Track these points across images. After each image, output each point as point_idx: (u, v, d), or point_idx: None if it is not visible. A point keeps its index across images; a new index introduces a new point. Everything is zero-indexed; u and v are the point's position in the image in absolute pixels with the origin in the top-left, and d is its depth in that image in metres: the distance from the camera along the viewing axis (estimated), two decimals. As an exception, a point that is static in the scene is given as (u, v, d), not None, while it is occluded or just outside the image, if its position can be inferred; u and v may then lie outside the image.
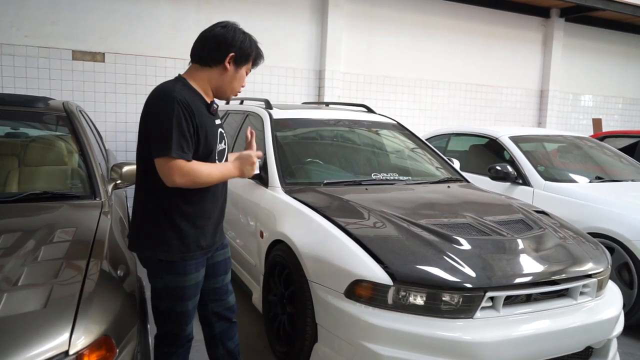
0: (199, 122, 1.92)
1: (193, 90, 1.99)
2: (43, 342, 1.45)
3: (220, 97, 2.11)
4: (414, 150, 4.14)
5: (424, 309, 2.22)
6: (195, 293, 2.09)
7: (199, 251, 2.04)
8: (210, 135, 1.99)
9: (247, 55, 2.03)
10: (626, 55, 10.12)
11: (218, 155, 2.07)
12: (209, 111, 2.02)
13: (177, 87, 1.93)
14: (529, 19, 8.85)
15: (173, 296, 2.03)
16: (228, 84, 2.05)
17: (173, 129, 1.84)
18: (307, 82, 7.10)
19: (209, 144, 1.98)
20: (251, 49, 2.04)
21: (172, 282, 2.01)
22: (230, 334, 2.35)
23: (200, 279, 2.09)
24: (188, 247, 1.99)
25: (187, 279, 2.02)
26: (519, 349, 2.22)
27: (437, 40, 8.06)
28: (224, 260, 2.26)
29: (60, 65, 5.66)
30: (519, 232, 2.69)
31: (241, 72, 2.05)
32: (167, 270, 2.00)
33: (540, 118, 9.27)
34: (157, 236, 1.97)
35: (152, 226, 1.98)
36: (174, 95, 1.88)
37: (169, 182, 1.87)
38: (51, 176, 2.76)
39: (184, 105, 1.87)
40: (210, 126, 2.01)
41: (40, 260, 1.82)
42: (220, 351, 2.34)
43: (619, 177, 4.66)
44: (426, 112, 8.15)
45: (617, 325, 2.58)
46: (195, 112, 1.91)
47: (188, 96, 1.93)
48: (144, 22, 5.99)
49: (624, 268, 3.53)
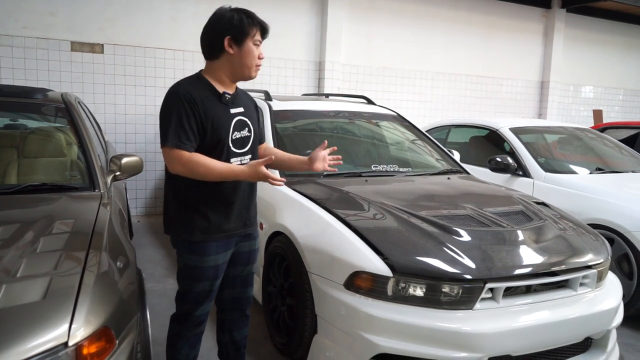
0: (204, 113, 1.99)
1: (205, 82, 2.07)
2: (42, 334, 1.44)
3: (241, 79, 2.11)
4: (414, 142, 4.13)
5: (423, 300, 2.22)
6: (213, 276, 2.14)
7: (219, 234, 2.10)
8: (218, 124, 2.03)
9: (242, 29, 2.03)
10: (627, 46, 10.07)
11: (234, 143, 2.08)
12: (221, 101, 2.06)
13: (187, 81, 2.06)
14: (530, 10, 8.80)
15: (190, 275, 2.13)
16: (239, 65, 2.06)
17: (172, 121, 1.96)
18: (307, 74, 7.08)
19: (217, 133, 2.02)
20: (243, 21, 2.04)
21: (191, 262, 2.11)
22: (240, 325, 2.39)
23: (219, 262, 2.14)
24: (208, 228, 2.08)
25: (205, 259, 2.10)
26: (518, 339, 2.23)
27: (438, 31, 8.02)
28: (248, 251, 2.28)
29: (59, 57, 5.64)
30: (519, 223, 2.69)
31: (247, 47, 2.04)
32: (188, 250, 2.11)
33: (541, 109, 9.24)
34: (181, 218, 2.10)
35: (176, 209, 2.12)
36: (177, 89, 2.00)
37: (170, 169, 2.01)
38: (50, 168, 2.75)
39: (186, 98, 1.97)
40: (220, 115, 2.04)
41: (39, 252, 1.81)
42: (226, 338, 2.40)
43: (619, 168, 4.65)
44: (426, 104, 8.13)
45: (616, 316, 2.59)
46: (200, 104, 1.99)
47: (195, 89, 2.02)
48: (143, 13, 5.96)
49: (624, 259, 3.53)
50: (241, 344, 2.40)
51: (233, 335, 2.38)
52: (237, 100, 2.14)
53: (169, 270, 4.29)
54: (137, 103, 6.07)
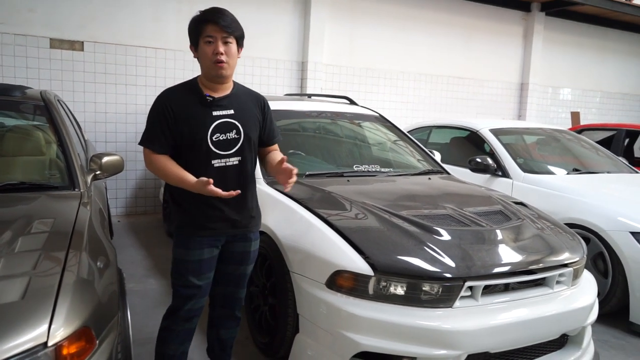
0: (180, 115, 2.07)
1: (192, 85, 2.16)
2: (21, 334, 1.43)
3: (213, 79, 2.12)
4: (395, 143, 4.16)
5: (404, 298, 2.25)
6: (198, 270, 2.17)
7: (204, 230, 2.15)
8: (195, 125, 2.07)
9: (193, 32, 2.09)
10: (604, 50, 10.28)
11: (216, 145, 2.09)
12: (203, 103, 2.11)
13: (176, 86, 2.18)
14: (510, 13, 8.93)
15: (177, 268, 2.21)
16: (203, 67, 2.12)
17: (147, 122, 2.13)
18: (290, 74, 7.08)
19: (192, 134, 2.07)
20: (192, 24, 2.09)
21: (177, 255, 2.20)
22: (228, 324, 2.42)
23: (204, 257, 2.18)
24: (191, 224, 2.15)
25: (189, 253, 2.16)
26: (497, 337, 2.27)
27: (420, 32, 8.09)
28: (242, 252, 2.28)
29: (37, 54, 5.55)
30: (498, 222, 2.73)
31: (200, 48, 2.08)
32: (176, 243, 2.21)
33: (521, 111, 9.38)
34: (173, 213, 2.25)
35: (171, 205, 2.26)
36: (161, 93, 2.15)
37: (145, 166, 2.17)
38: (29, 166, 2.71)
39: (162, 104, 2.09)
40: (198, 117, 2.09)
41: (17, 251, 1.79)
42: (213, 335, 2.43)
43: (596, 169, 4.76)
44: (408, 105, 8.19)
45: (591, 313, 2.64)
46: (178, 107, 2.08)
47: (178, 93, 2.13)
48: (124, 11, 5.90)
49: (599, 258, 3.62)
50: (227, 344, 2.42)
51: (220, 334, 2.40)
52: (227, 103, 2.14)
53: (149, 270, 4.26)
54: (118, 102, 6.00)
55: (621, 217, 3.52)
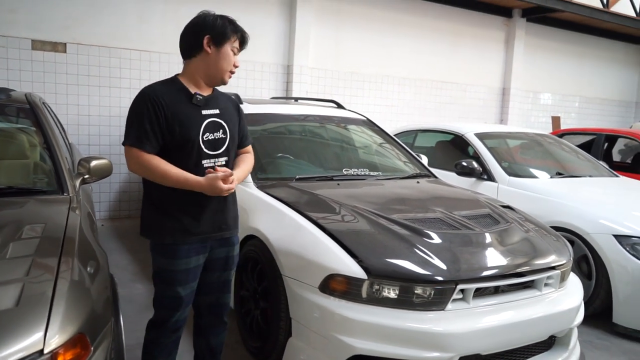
0: (172, 113, 2.00)
1: (177, 83, 2.09)
2: (17, 341, 1.41)
3: (215, 82, 2.12)
4: (383, 146, 4.19)
5: (397, 301, 2.27)
6: (185, 279, 2.11)
7: (191, 237, 2.08)
8: (187, 124, 2.02)
9: (223, 32, 2.06)
10: (582, 56, 10.50)
11: (206, 144, 2.06)
12: (192, 102, 2.06)
13: (158, 83, 2.08)
14: (493, 19, 9.07)
15: (163, 279, 2.11)
16: (214, 67, 2.07)
17: (134, 120, 1.99)
18: (275, 77, 7.08)
19: (185, 133, 2.02)
20: (225, 26, 2.07)
21: (162, 265, 2.10)
22: (217, 330, 2.36)
23: (191, 265, 2.11)
24: (178, 231, 2.06)
25: (176, 262, 2.07)
26: (488, 339, 2.30)
27: (404, 37, 8.16)
28: (225, 257, 2.24)
29: (19, 55, 5.45)
30: (487, 226, 2.77)
31: (224, 50, 2.06)
32: (160, 253, 2.10)
33: (502, 115, 9.52)
34: (153, 220, 2.10)
35: (148, 211, 2.12)
36: (145, 90, 2.03)
37: (128, 167, 2.03)
38: (16, 170, 2.67)
39: (151, 99, 1.98)
40: (190, 116, 2.04)
41: (9, 258, 1.76)
42: (202, 343, 2.37)
43: (578, 173, 4.86)
44: (393, 109, 8.25)
45: (578, 315, 2.70)
46: (168, 104, 2.00)
47: (165, 90, 2.03)
48: (108, 12, 5.83)
49: (583, 260, 3.69)
50: (217, 350, 2.38)
51: (209, 341, 2.35)
52: (212, 102, 2.13)
53: (135, 275, 4.21)
54: (102, 104, 5.93)
55: (604, 220, 3.60)
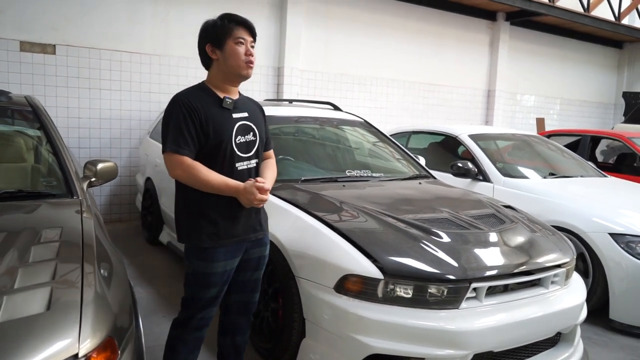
0: (205, 117, 2.03)
1: (205, 89, 2.13)
2: (52, 346, 1.39)
3: (236, 79, 2.14)
4: (382, 148, 4.22)
5: (411, 300, 2.30)
6: (221, 281, 2.13)
7: (229, 239, 2.10)
8: (218, 127, 2.06)
9: (219, 33, 2.07)
10: (564, 59, 10.72)
11: (239, 147, 2.10)
12: (222, 105, 2.09)
13: (188, 90, 2.13)
14: (477, 22, 9.20)
15: (198, 281, 2.12)
16: (226, 68, 2.10)
17: (170, 127, 2.02)
18: (267, 79, 7.07)
19: (219, 137, 2.05)
20: (218, 24, 2.08)
21: (199, 268, 2.10)
22: (243, 329, 2.39)
23: (228, 268, 2.14)
24: (217, 234, 2.08)
25: (214, 265, 2.09)
26: (501, 336, 2.34)
27: (392, 39, 8.22)
28: (257, 257, 2.28)
29: (6, 57, 5.34)
30: (494, 225, 2.82)
31: (228, 48, 2.07)
32: (197, 256, 2.10)
33: (488, 117, 9.66)
34: (190, 224, 2.11)
35: (185, 216, 2.14)
36: (176, 98, 2.07)
37: (170, 174, 2.05)
38: (23, 174, 2.62)
39: (185, 105, 2.02)
40: (221, 119, 2.07)
41: (32, 262, 1.74)
42: (227, 341, 2.39)
43: (569, 173, 4.96)
44: (382, 110, 8.31)
45: (582, 312, 2.77)
46: (200, 109, 2.03)
47: (195, 96, 2.08)
48: (98, 13, 5.75)
49: (579, 258, 3.77)
50: (242, 349, 2.42)
51: (236, 340, 2.38)
52: (240, 105, 2.17)
53: (135, 279, 4.16)
54: (92, 107, 5.84)
55: (600, 219, 3.70)
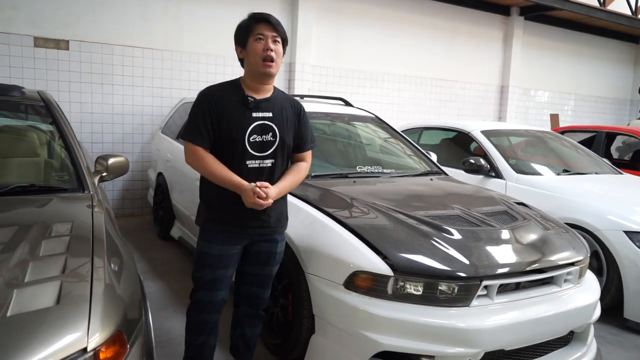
0: (220, 112, 2.10)
1: (237, 85, 2.21)
2: (61, 339, 1.40)
3: (258, 78, 2.17)
4: (393, 144, 4.20)
5: (421, 298, 2.28)
6: (216, 264, 2.22)
7: (228, 226, 2.20)
8: (232, 124, 2.11)
9: (242, 33, 2.16)
10: (579, 54, 10.58)
11: (252, 146, 2.14)
12: (244, 103, 2.15)
13: (220, 83, 2.24)
14: (491, 17, 9.10)
15: (197, 260, 2.28)
16: (250, 66, 2.16)
17: (190, 118, 2.18)
18: (278, 74, 7.00)
19: (231, 132, 2.12)
20: (242, 26, 2.17)
21: (200, 247, 2.26)
22: (252, 322, 2.44)
23: (225, 253, 2.21)
24: (216, 218, 2.21)
25: (211, 246, 2.22)
26: (512, 334, 2.31)
27: (404, 35, 8.17)
28: (267, 252, 2.31)
29: (21, 52, 5.39)
30: (506, 222, 2.79)
31: (249, 47, 2.14)
32: (200, 236, 2.28)
33: (501, 113, 9.57)
34: (201, 207, 2.30)
35: (200, 200, 2.31)
36: (203, 91, 2.21)
37: (185, 160, 2.20)
38: (35, 168, 2.64)
39: (206, 99, 2.14)
40: (237, 116, 2.13)
41: (42, 256, 1.74)
42: (237, 333, 2.47)
43: (583, 170, 4.89)
44: (393, 106, 8.26)
45: (595, 311, 2.72)
46: (218, 103, 2.13)
47: (221, 90, 2.18)
48: (111, 10, 5.78)
49: (593, 256, 3.72)
50: (251, 342, 2.46)
51: (245, 332, 2.43)
52: (265, 105, 2.18)
53: (146, 274, 4.19)
54: (104, 102, 5.88)
55: (615, 216, 3.64)
